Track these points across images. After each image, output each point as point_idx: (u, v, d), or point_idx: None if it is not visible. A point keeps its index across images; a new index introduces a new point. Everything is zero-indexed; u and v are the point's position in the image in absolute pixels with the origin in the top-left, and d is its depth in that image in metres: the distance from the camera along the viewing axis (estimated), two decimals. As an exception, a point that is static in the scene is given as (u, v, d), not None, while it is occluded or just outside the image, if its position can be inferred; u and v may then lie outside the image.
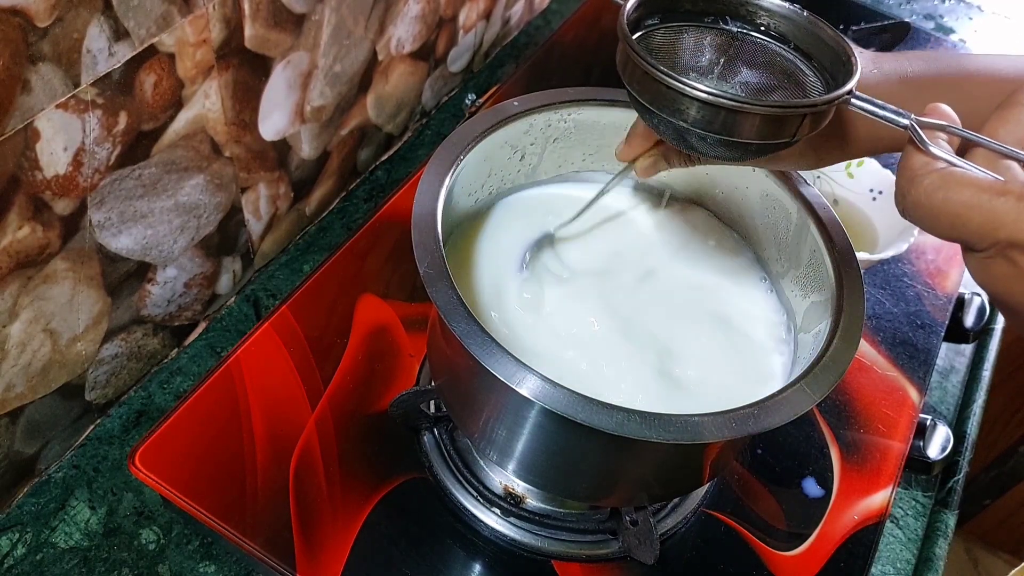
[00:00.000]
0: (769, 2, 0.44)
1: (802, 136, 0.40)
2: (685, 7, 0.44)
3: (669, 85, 0.38)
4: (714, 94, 0.37)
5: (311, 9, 0.60)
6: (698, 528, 0.56)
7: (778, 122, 0.38)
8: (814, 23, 0.42)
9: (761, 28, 0.44)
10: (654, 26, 0.44)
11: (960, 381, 0.72)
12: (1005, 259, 0.33)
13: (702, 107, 0.38)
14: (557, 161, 0.56)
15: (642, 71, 0.39)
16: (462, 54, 0.88)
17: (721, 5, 0.44)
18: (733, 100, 0.37)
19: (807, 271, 0.49)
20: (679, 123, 0.39)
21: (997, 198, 0.32)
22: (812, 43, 0.43)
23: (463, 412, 0.49)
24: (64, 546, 0.54)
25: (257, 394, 0.56)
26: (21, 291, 0.48)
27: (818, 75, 0.43)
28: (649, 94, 0.40)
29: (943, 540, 0.62)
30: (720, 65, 0.45)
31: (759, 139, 0.39)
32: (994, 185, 0.33)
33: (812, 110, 0.38)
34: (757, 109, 0.38)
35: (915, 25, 1.00)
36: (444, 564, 0.52)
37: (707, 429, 0.38)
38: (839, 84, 0.39)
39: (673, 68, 0.39)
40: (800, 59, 0.43)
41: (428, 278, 0.41)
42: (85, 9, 0.42)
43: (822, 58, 0.43)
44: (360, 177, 0.80)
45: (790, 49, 0.44)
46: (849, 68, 0.40)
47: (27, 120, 0.43)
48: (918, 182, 0.34)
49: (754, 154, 0.41)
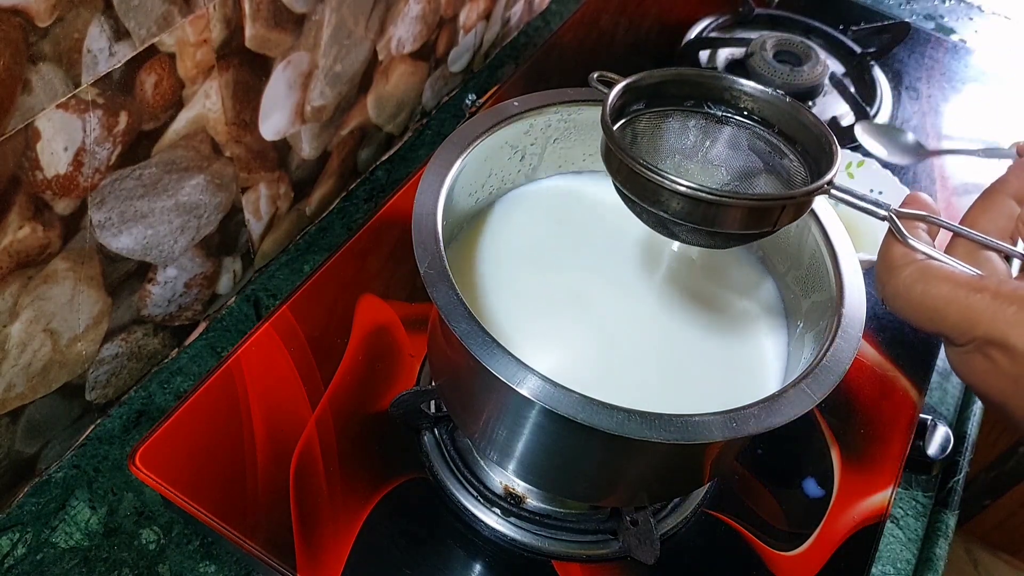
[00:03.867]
0: (752, 88, 0.44)
1: (782, 225, 0.40)
2: (670, 92, 0.45)
3: (649, 179, 0.38)
4: (694, 188, 0.37)
5: (311, 9, 0.60)
6: (698, 528, 0.56)
7: (758, 213, 0.39)
8: (796, 109, 0.43)
9: (744, 112, 0.45)
10: (639, 111, 0.45)
11: (960, 381, 0.72)
12: (983, 355, 0.33)
13: (682, 199, 0.38)
14: (557, 161, 0.56)
15: (624, 164, 0.39)
16: (462, 54, 0.88)
17: (705, 90, 0.45)
18: (712, 194, 0.37)
19: (807, 271, 0.49)
20: (660, 213, 0.39)
21: (974, 294, 0.32)
22: (795, 128, 0.43)
23: (463, 412, 0.49)
24: (64, 546, 0.54)
25: (257, 394, 0.56)
26: (22, 291, 0.48)
27: (801, 160, 0.43)
28: (631, 185, 0.40)
29: (943, 540, 0.62)
30: (705, 149, 0.45)
31: (740, 229, 0.39)
32: (971, 281, 0.33)
33: (792, 202, 0.39)
34: (737, 202, 0.38)
35: (915, 25, 1.00)
36: (444, 564, 0.52)
37: (708, 429, 0.38)
38: (822, 171, 0.40)
39: (657, 152, 0.39)
40: (784, 143, 0.44)
41: (428, 278, 0.41)
42: (86, 9, 0.43)
43: (806, 143, 0.43)
44: (360, 177, 0.80)
45: (774, 133, 0.44)
46: (830, 156, 0.40)
47: (28, 120, 0.43)
48: (897, 274, 0.35)
49: (736, 242, 0.42)
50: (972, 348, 0.33)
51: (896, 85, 0.93)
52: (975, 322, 0.32)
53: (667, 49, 0.92)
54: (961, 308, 0.32)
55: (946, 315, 0.33)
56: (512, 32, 0.99)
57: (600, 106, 0.41)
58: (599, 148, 0.42)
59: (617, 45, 0.92)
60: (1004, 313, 0.32)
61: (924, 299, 0.33)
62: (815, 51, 0.83)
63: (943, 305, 0.33)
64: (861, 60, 0.91)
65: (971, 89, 0.95)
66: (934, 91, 0.94)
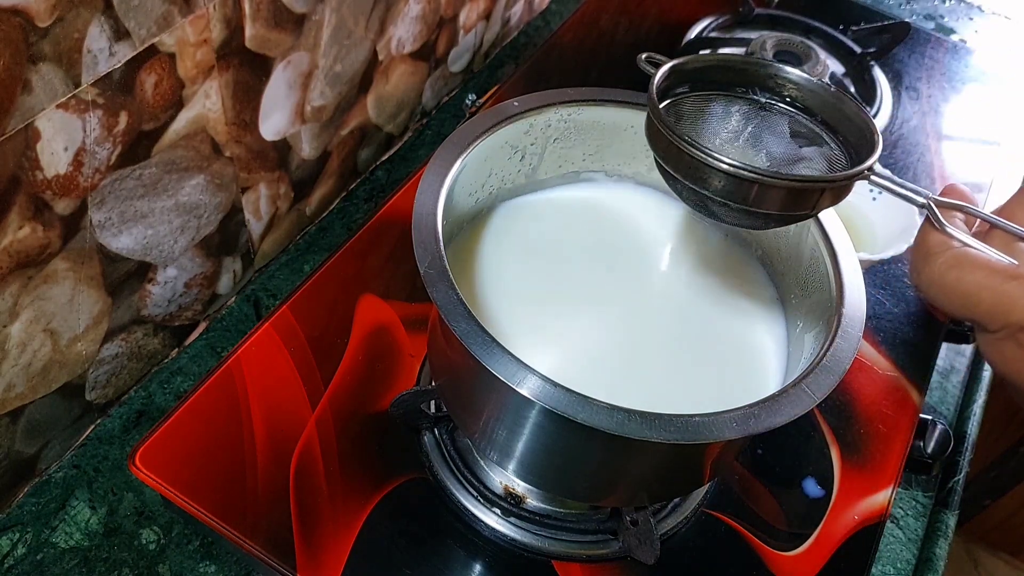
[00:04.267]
0: (797, 76, 0.45)
1: (821, 209, 0.40)
2: (714, 77, 0.45)
3: (692, 155, 0.39)
4: (735, 165, 0.38)
5: (311, 9, 0.60)
6: (698, 528, 0.56)
7: (797, 195, 0.39)
8: (840, 98, 0.43)
9: (788, 100, 0.45)
10: (683, 94, 0.45)
11: (960, 381, 0.72)
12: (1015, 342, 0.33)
13: (723, 177, 0.39)
14: (557, 161, 0.56)
15: (668, 140, 0.40)
16: (462, 54, 0.89)
17: (749, 76, 0.46)
18: (753, 172, 0.38)
19: (807, 271, 0.49)
20: (701, 191, 0.40)
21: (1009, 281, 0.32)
22: (837, 117, 0.44)
23: (463, 412, 0.49)
24: (64, 546, 0.54)
25: (257, 394, 0.56)
26: (21, 291, 0.48)
27: (842, 149, 0.44)
28: (674, 162, 0.41)
29: (943, 540, 0.62)
30: (746, 133, 0.46)
31: (778, 210, 0.40)
32: (1007, 269, 0.33)
33: (831, 185, 0.39)
34: (777, 182, 0.38)
35: (915, 25, 1.00)
36: (444, 564, 0.52)
37: (708, 429, 0.38)
38: (862, 159, 0.40)
39: (700, 134, 0.40)
40: (825, 132, 0.44)
41: (428, 278, 0.41)
42: (86, 9, 0.43)
43: (847, 133, 0.43)
44: (360, 177, 0.80)
45: (816, 121, 0.45)
46: (872, 144, 0.40)
47: (27, 120, 0.43)
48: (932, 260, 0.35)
49: (774, 223, 0.42)
50: (1004, 335, 0.33)
51: (896, 85, 0.93)
52: (1009, 309, 0.32)
53: (667, 49, 0.92)
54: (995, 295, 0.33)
55: (980, 301, 0.33)
56: (512, 32, 0.99)
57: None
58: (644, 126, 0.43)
59: (617, 45, 0.92)
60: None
61: (959, 285, 0.34)
62: (815, 51, 0.83)
63: (977, 291, 0.33)
64: (861, 60, 0.91)
65: (971, 89, 0.95)
66: (934, 91, 0.94)
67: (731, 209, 0.41)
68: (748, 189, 0.39)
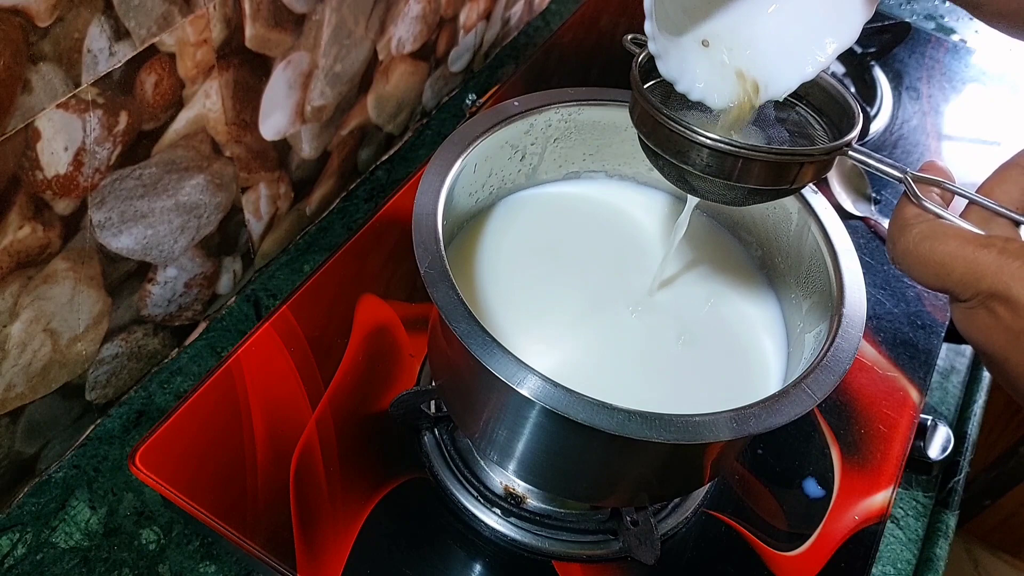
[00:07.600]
0: None
1: (801, 184, 0.41)
2: None
3: (672, 128, 0.40)
4: (713, 139, 0.39)
5: (311, 9, 0.60)
6: (699, 528, 0.56)
7: (777, 168, 0.40)
8: (823, 80, 0.44)
9: None
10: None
11: (961, 381, 0.72)
12: (986, 309, 0.33)
13: (703, 151, 0.39)
14: (558, 161, 0.56)
15: (648, 115, 0.41)
16: (462, 54, 0.88)
17: None
18: (733, 145, 0.38)
19: (807, 271, 0.49)
20: (683, 166, 0.41)
21: (980, 250, 0.33)
22: (822, 99, 0.45)
23: (464, 412, 0.49)
24: (64, 546, 0.54)
25: (257, 394, 0.56)
26: (21, 291, 0.48)
27: (826, 130, 0.44)
28: (655, 137, 0.41)
29: (943, 540, 0.62)
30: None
31: (758, 184, 0.40)
32: (978, 238, 0.34)
33: (809, 159, 0.40)
34: (756, 155, 0.39)
35: (915, 25, 1.01)
36: (444, 564, 0.52)
37: (708, 429, 0.38)
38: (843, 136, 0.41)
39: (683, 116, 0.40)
40: (811, 115, 0.45)
41: (428, 278, 0.41)
42: (86, 9, 0.42)
43: (831, 114, 0.44)
44: (360, 177, 0.80)
45: (801, 104, 0.45)
46: (851, 120, 0.41)
47: (28, 120, 0.43)
48: (907, 231, 0.35)
49: (754, 198, 0.43)
50: (976, 303, 0.34)
51: (896, 85, 0.93)
52: (980, 276, 0.33)
53: (667, 49, 0.92)
54: (967, 263, 0.33)
55: (952, 270, 0.34)
56: (512, 32, 0.99)
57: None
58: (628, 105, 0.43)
59: (617, 45, 0.92)
60: (1009, 267, 0.32)
61: (932, 255, 0.34)
62: (815, 51, 0.83)
63: (949, 260, 0.34)
64: (861, 60, 0.91)
65: (971, 89, 0.95)
66: (934, 91, 0.94)
67: (713, 184, 0.41)
68: (727, 162, 0.39)
